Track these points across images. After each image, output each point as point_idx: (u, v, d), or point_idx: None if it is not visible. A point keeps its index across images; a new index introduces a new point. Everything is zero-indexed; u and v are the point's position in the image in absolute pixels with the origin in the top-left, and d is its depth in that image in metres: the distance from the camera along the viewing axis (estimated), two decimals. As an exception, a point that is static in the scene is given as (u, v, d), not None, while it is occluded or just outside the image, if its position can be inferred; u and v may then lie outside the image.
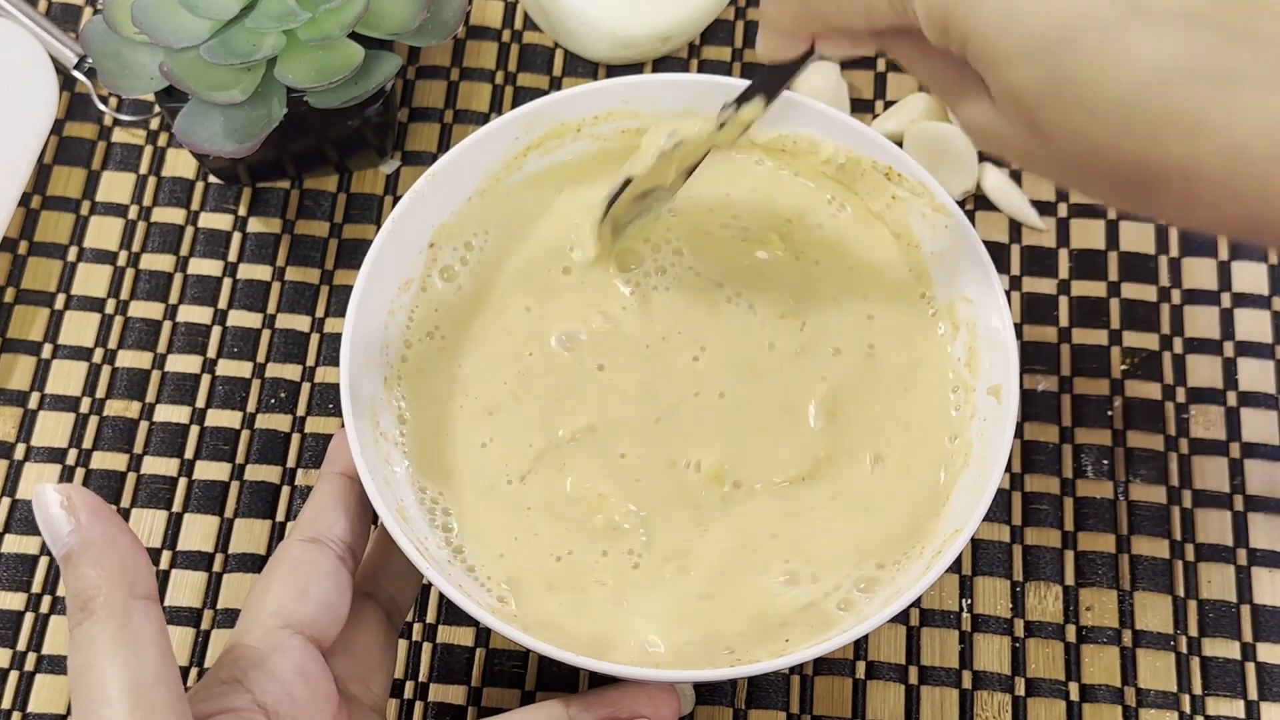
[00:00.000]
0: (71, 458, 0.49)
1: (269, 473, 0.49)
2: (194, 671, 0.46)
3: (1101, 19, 0.28)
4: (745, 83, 0.45)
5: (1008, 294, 0.51)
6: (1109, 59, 0.29)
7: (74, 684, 0.32)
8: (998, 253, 0.52)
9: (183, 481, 0.49)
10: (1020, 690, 0.46)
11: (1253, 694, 0.46)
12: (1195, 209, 0.30)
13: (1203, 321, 0.51)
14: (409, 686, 0.46)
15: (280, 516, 0.48)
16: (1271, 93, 0.27)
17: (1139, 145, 0.29)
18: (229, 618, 0.46)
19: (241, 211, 0.53)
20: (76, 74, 0.54)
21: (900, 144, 0.53)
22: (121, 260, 0.52)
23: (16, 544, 0.47)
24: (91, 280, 0.52)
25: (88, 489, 0.34)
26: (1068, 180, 0.33)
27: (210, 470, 0.49)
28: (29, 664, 0.46)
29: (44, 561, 0.47)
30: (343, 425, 0.40)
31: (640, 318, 0.44)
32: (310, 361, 0.51)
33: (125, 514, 0.48)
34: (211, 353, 0.51)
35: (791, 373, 0.44)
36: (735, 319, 0.45)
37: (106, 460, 0.49)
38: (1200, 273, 0.52)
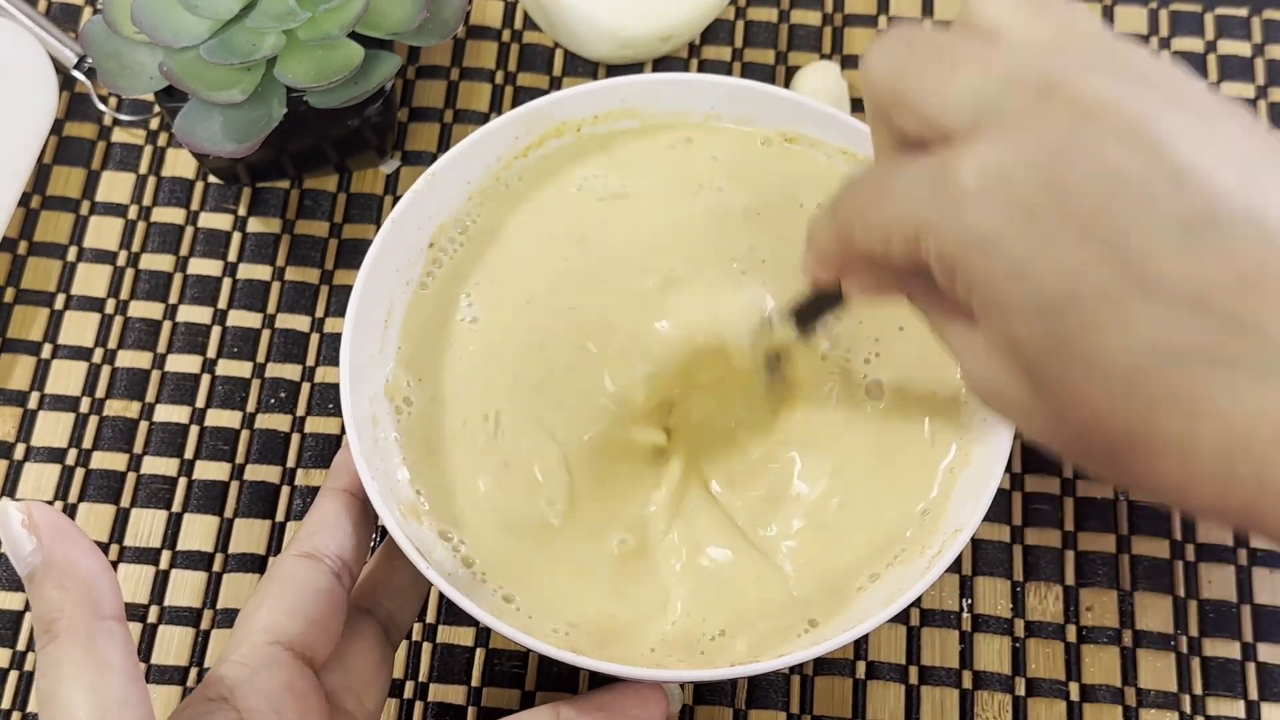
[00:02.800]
0: (71, 458, 0.49)
1: (269, 473, 0.49)
2: (194, 671, 0.46)
3: (1107, 288, 0.28)
4: (747, 82, 0.45)
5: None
6: (1111, 329, 0.29)
7: (41, 709, 0.32)
8: (998, 252, 0.52)
9: (182, 481, 0.49)
10: (1021, 690, 0.46)
11: (1253, 694, 0.45)
12: (1192, 489, 0.29)
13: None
14: (409, 686, 0.46)
15: (280, 516, 0.48)
16: (1271, 380, 0.27)
17: (1136, 418, 0.29)
18: (229, 618, 0.46)
19: (241, 211, 0.53)
20: (76, 74, 0.54)
21: (900, 144, 0.53)
22: (121, 260, 0.52)
23: (16, 544, 0.47)
24: (91, 280, 0.52)
25: (50, 506, 0.33)
26: (1067, 448, 0.32)
27: (210, 470, 0.49)
28: (29, 664, 0.46)
29: (44, 561, 0.47)
30: (343, 428, 0.40)
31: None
32: (310, 361, 0.51)
33: (125, 514, 0.48)
34: (211, 353, 0.51)
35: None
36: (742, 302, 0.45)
37: (106, 460, 0.49)
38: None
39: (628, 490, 0.43)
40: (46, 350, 0.51)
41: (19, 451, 0.49)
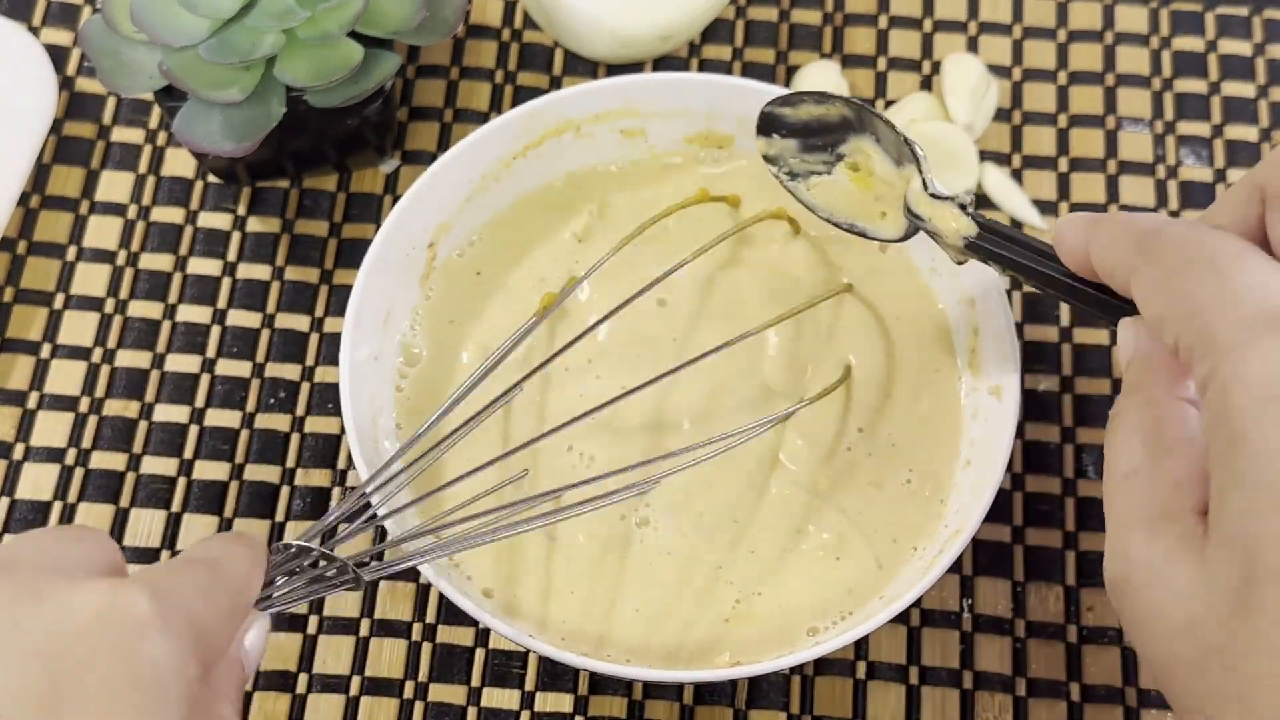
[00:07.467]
0: (70, 457, 0.49)
1: (268, 473, 0.49)
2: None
3: None
4: (747, 82, 0.45)
5: (1009, 293, 0.51)
6: None
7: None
8: (998, 252, 0.52)
9: (182, 481, 0.48)
10: (1021, 691, 0.46)
11: (1254, 694, 0.45)
12: None
13: (1204, 321, 0.51)
14: (409, 686, 0.46)
15: (280, 516, 0.48)
16: None
17: None
18: (228, 618, 0.46)
19: (241, 211, 0.53)
20: None
21: (901, 143, 0.53)
22: (120, 260, 0.52)
23: (15, 544, 0.47)
24: (90, 280, 0.52)
25: None
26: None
27: (209, 470, 0.49)
28: (28, 664, 0.46)
29: (43, 562, 0.47)
30: (343, 428, 0.40)
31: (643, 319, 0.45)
32: (310, 361, 0.51)
33: (124, 514, 0.48)
34: (211, 352, 0.50)
35: (791, 374, 0.44)
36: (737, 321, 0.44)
37: (105, 460, 0.49)
38: (1201, 272, 0.52)
39: None
40: (46, 350, 0.51)
41: (18, 451, 0.49)
